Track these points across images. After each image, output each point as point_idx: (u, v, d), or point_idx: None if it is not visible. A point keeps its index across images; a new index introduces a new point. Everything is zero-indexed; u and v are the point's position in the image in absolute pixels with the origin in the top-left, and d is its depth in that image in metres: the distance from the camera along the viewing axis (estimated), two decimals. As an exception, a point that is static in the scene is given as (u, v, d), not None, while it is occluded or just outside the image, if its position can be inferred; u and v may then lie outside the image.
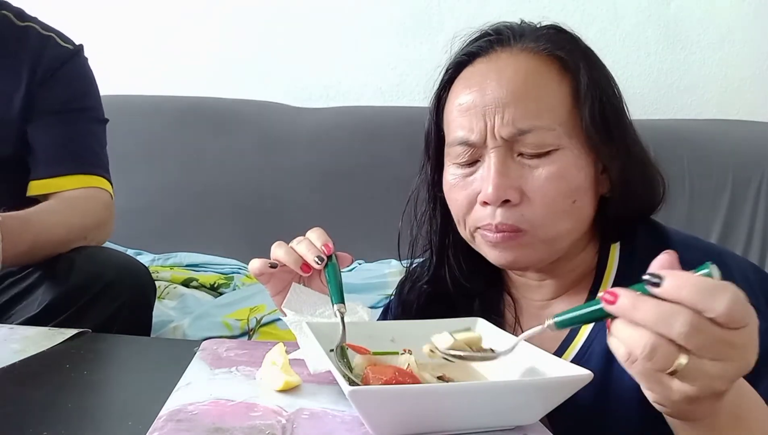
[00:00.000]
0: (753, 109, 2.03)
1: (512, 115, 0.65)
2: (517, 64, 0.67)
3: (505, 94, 0.65)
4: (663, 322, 0.41)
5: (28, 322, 0.95)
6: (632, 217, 0.70)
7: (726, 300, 0.41)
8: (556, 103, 0.66)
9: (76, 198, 1.10)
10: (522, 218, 0.65)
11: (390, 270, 1.61)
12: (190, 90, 2.10)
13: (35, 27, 1.17)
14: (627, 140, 0.69)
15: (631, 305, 0.43)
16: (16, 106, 1.11)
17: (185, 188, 1.88)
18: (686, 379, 0.42)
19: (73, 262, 0.99)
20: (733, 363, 0.42)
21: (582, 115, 0.66)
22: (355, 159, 1.86)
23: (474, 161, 0.68)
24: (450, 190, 0.71)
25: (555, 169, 0.64)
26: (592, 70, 0.68)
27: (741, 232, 1.76)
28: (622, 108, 0.70)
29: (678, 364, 0.42)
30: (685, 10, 2.07)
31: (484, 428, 0.51)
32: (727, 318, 0.41)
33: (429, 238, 0.79)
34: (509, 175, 0.65)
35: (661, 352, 0.41)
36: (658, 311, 0.41)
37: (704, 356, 0.42)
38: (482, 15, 2.10)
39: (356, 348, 0.59)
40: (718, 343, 0.41)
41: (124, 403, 0.65)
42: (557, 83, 0.67)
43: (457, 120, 0.69)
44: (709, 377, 0.42)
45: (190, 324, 1.29)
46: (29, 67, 1.13)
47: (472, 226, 0.69)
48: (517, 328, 0.74)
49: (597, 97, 0.66)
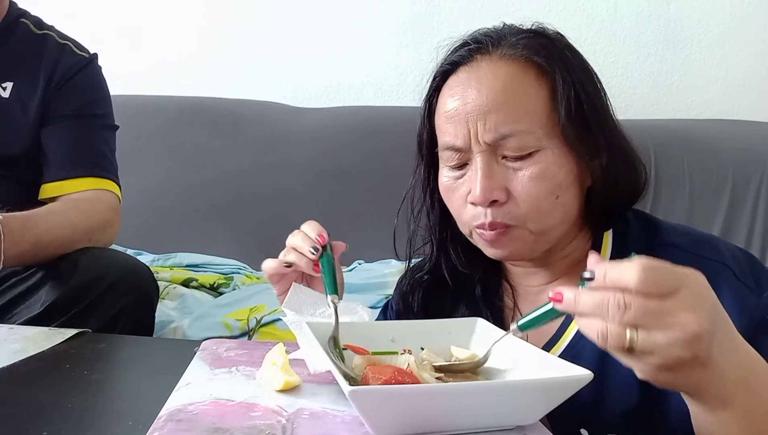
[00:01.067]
0: (753, 109, 2.04)
1: (493, 121, 0.68)
2: (496, 71, 0.70)
3: (486, 102, 0.69)
4: (598, 307, 0.47)
5: (30, 322, 0.95)
6: (618, 205, 0.74)
7: (635, 271, 0.45)
8: (535, 106, 0.69)
9: (82, 199, 1.12)
10: (510, 215, 0.69)
11: (390, 270, 1.61)
12: (190, 90, 2.10)
13: (53, 35, 1.22)
14: (607, 134, 0.72)
15: (573, 300, 0.49)
16: (32, 110, 1.15)
17: (185, 188, 1.88)
18: (644, 353, 0.46)
19: (77, 262, 0.99)
20: (678, 329, 0.46)
21: (558, 116, 0.69)
22: (355, 159, 1.86)
23: (463, 164, 0.72)
24: (445, 191, 0.75)
25: (537, 169, 0.68)
26: (569, 72, 0.70)
27: (741, 231, 1.76)
28: (603, 102, 0.73)
29: (630, 340, 0.46)
30: (685, 10, 2.07)
31: (484, 428, 0.51)
32: (644, 286, 0.45)
33: (429, 230, 0.82)
34: (494, 177, 0.68)
35: (610, 334, 0.46)
36: (593, 299, 0.47)
37: (649, 328, 0.46)
38: (482, 15, 2.11)
39: (355, 349, 0.59)
40: (653, 313, 0.46)
41: (124, 403, 0.66)
42: (535, 87, 0.70)
43: (444, 126, 0.72)
44: (664, 346, 0.46)
45: (190, 324, 1.29)
46: (46, 73, 1.17)
47: (469, 225, 0.72)
48: (516, 312, 0.77)
49: (573, 97, 0.69)
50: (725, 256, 0.66)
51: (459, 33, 0.76)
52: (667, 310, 0.46)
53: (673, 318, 0.46)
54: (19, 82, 1.15)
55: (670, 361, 0.47)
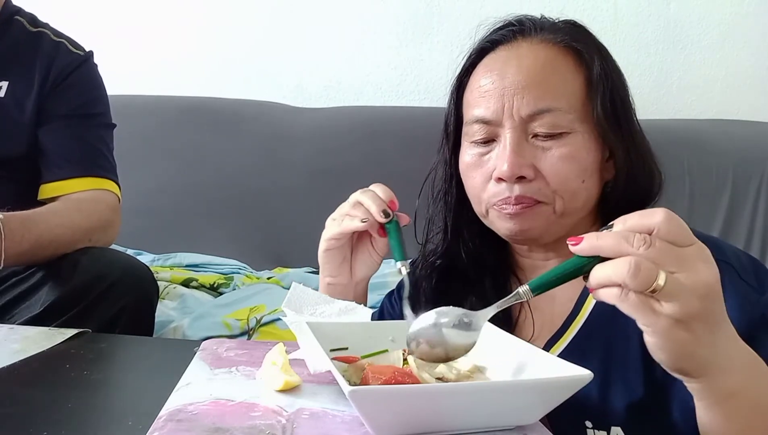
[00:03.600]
0: (753, 109, 2.03)
1: (533, 95, 0.69)
2: (536, 52, 0.72)
3: (524, 78, 0.70)
4: (624, 241, 0.47)
5: (30, 322, 0.95)
6: (630, 203, 0.73)
7: (660, 214, 0.48)
8: (571, 90, 0.71)
9: (82, 199, 1.12)
10: (540, 192, 0.69)
11: (390, 270, 1.61)
12: (190, 90, 2.10)
13: (47, 33, 1.20)
14: (632, 131, 0.73)
15: (595, 237, 0.49)
16: (28, 110, 1.14)
17: (185, 188, 1.88)
18: (668, 295, 0.46)
19: (77, 262, 0.99)
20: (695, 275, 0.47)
21: (594, 104, 0.70)
22: (355, 159, 1.85)
23: (490, 140, 0.72)
24: (466, 168, 0.75)
25: (567, 150, 0.69)
26: (604, 63, 0.72)
27: (741, 231, 1.76)
28: (629, 101, 0.75)
29: (657, 284, 0.46)
30: (685, 10, 2.07)
31: (484, 428, 0.51)
32: (667, 227, 0.47)
33: (444, 215, 0.82)
34: (524, 154, 0.69)
35: (644, 266, 0.46)
36: (616, 236, 0.48)
37: (671, 268, 0.47)
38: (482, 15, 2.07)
39: (343, 359, 0.59)
40: (674, 254, 0.47)
41: (124, 403, 0.66)
42: (573, 72, 0.71)
43: (476, 100, 0.73)
44: (686, 291, 0.46)
45: (190, 324, 1.29)
46: (41, 72, 1.16)
47: (488, 202, 0.72)
48: (525, 305, 0.77)
49: (608, 88, 0.71)
50: (728, 255, 0.66)
51: (459, 33, 0.77)
52: (685, 255, 0.47)
53: (690, 263, 0.47)
54: (14, 82, 1.14)
55: (688, 312, 0.47)
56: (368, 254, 0.80)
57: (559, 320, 0.73)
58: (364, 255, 0.80)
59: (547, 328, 0.73)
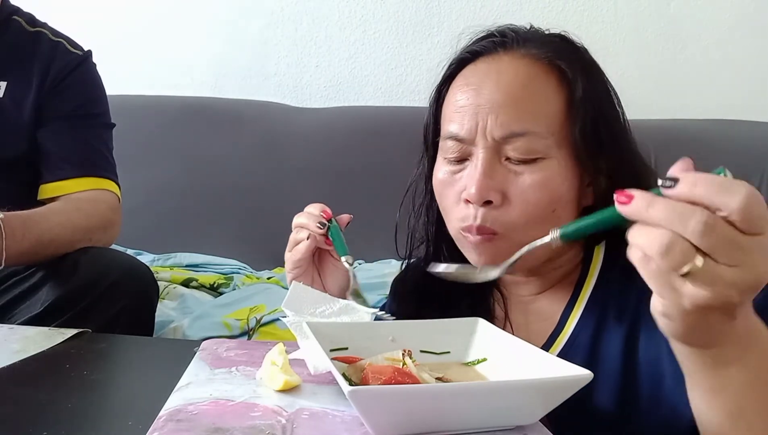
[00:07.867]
0: (753, 109, 2.03)
1: (507, 116, 0.65)
2: (517, 68, 0.68)
3: (501, 97, 0.66)
4: (678, 219, 0.40)
5: (31, 322, 0.95)
6: None
7: (741, 195, 0.39)
8: (552, 111, 0.67)
9: (82, 199, 1.12)
10: (498, 221, 0.66)
11: (390, 270, 1.61)
12: (190, 90, 2.10)
13: (45, 33, 1.20)
14: (621, 153, 0.69)
15: (646, 204, 0.42)
16: (27, 110, 1.13)
17: (185, 188, 1.88)
18: (700, 282, 0.41)
19: (78, 262, 0.99)
20: (747, 271, 0.40)
21: (573, 129, 0.67)
22: (355, 159, 1.85)
23: (463, 159, 0.69)
24: (439, 184, 0.72)
25: (539, 177, 0.65)
26: (590, 83, 0.68)
27: (741, 231, 1.76)
28: (619, 120, 0.71)
29: (693, 265, 0.40)
30: (685, 10, 2.07)
31: (484, 428, 0.51)
32: (742, 215, 0.39)
33: (426, 229, 0.80)
34: (494, 177, 0.66)
35: (678, 249, 0.40)
36: (673, 209, 0.40)
37: (719, 259, 0.40)
38: (482, 15, 2.11)
39: (343, 359, 0.59)
40: (733, 245, 0.40)
41: (124, 403, 0.65)
42: (554, 92, 0.67)
43: (451, 115, 0.70)
44: (724, 283, 0.40)
45: (189, 324, 1.29)
46: (40, 72, 1.15)
47: (457, 225, 0.70)
48: (507, 322, 0.76)
49: (590, 112, 0.67)
50: None
51: (459, 33, 0.76)
52: (746, 247, 0.40)
53: (747, 257, 0.40)
54: (13, 82, 1.13)
55: (718, 301, 0.41)
56: (333, 266, 0.78)
57: (541, 338, 0.71)
58: (329, 268, 0.79)
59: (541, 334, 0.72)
